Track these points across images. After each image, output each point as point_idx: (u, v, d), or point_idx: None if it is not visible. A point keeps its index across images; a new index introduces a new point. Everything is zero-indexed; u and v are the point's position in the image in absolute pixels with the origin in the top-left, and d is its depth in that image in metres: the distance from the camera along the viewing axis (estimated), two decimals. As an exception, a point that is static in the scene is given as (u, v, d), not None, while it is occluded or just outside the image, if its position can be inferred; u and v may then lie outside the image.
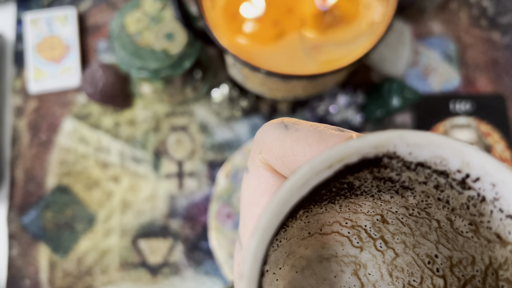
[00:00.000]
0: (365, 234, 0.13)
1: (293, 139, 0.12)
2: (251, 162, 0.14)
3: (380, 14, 0.40)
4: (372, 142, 0.10)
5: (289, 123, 0.13)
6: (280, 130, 0.13)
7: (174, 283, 0.49)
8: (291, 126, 0.13)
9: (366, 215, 0.13)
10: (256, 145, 0.14)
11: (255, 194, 0.14)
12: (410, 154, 0.10)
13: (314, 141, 0.12)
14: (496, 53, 0.55)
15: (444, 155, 0.10)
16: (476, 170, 0.10)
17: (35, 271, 0.50)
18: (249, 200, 0.14)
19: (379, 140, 0.10)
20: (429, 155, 0.10)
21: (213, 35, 0.39)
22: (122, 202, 0.51)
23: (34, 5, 0.56)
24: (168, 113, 0.53)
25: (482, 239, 0.11)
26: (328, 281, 0.13)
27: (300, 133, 0.12)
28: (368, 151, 0.10)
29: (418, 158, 0.10)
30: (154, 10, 0.44)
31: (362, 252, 0.13)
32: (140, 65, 0.43)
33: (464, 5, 0.56)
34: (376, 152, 0.10)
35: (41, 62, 0.53)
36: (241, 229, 0.14)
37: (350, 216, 0.13)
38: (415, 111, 0.53)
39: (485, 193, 0.10)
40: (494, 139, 0.52)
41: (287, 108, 0.53)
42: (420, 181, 0.11)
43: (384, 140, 0.10)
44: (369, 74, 0.54)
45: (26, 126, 0.53)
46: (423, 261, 0.12)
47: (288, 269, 0.13)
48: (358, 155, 0.10)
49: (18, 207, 0.51)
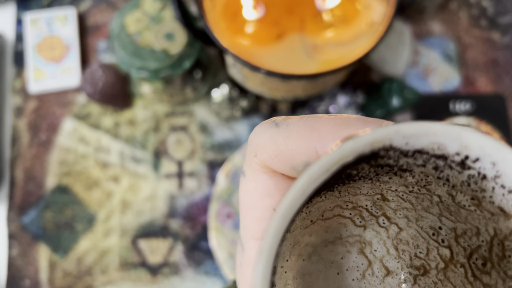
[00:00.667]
0: (367, 213, 0.13)
1: (285, 135, 0.12)
2: (247, 166, 0.14)
3: (380, 14, 0.40)
4: (368, 140, 0.10)
5: (279, 121, 0.13)
6: (271, 129, 0.13)
7: (174, 283, 0.49)
8: (281, 123, 0.13)
9: (366, 195, 0.13)
10: (251, 148, 0.14)
11: (253, 197, 0.14)
12: (406, 144, 0.10)
13: (306, 132, 0.12)
14: (496, 53, 0.55)
15: (442, 141, 0.10)
16: (475, 151, 0.10)
17: (35, 271, 0.50)
18: (248, 203, 0.14)
19: (375, 138, 0.10)
20: (426, 143, 0.10)
21: (213, 35, 0.39)
22: (122, 202, 0.51)
23: (34, 5, 0.56)
24: (168, 113, 0.53)
25: (486, 212, 0.11)
26: (336, 263, 0.13)
27: (291, 127, 0.12)
28: (363, 149, 0.10)
29: (415, 147, 0.10)
30: (154, 10, 0.44)
31: (366, 230, 0.13)
32: (140, 65, 0.43)
33: (464, 5, 0.56)
34: (372, 148, 0.10)
35: (41, 62, 0.53)
36: (242, 232, 0.14)
37: (350, 199, 0.13)
38: (415, 111, 0.53)
39: (486, 171, 0.10)
40: (494, 139, 0.52)
41: (287, 108, 0.53)
42: (418, 164, 0.11)
43: (380, 136, 0.10)
44: (369, 74, 0.54)
45: (26, 126, 0.53)
46: (428, 233, 0.12)
47: (295, 259, 0.13)
48: (354, 155, 0.10)
49: (18, 207, 0.51)
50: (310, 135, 0.12)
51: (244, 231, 0.14)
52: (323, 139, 0.12)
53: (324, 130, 0.12)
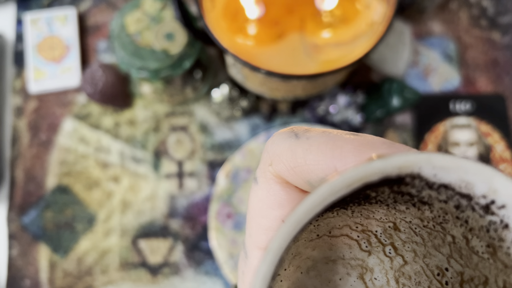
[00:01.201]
0: (375, 239, 0.12)
1: (304, 148, 0.12)
2: (261, 173, 0.14)
3: (380, 14, 0.40)
4: (397, 163, 0.09)
5: (299, 132, 0.13)
6: (290, 139, 0.13)
7: (174, 283, 0.49)
8: (301, 135, 0.13)
9: (378, 221, 0.12)
10: (266, 156, 0.13)
11: (263, 205, 0.13)
12: (434, 176, 0.10)
13: (327, 148, 0.12)
14: (496, 53, 0.55)
15: (471, 180, 0.10)
16: (503, 198, 0.10)
17: (35, 271, 0.50)
18: (257, 211, 0.14)
19: (404, 162, 0.09)
20: (455, 178, 0.10)
21: (213, 35, 0.39)
22: (122, 202, 0.51)
23: (34, 5, 0.56)
24: (168, 113, 0.53)
25: (499, 263, 0.11)
26: (333, 283, 0.13)
27: (311, 141, 0.12)
28: (391, 172, 0.10)
29: (442, 180, 0.10)
30: (154, 10, 0.44)
31: (370, 257, 0.13)
32: (140, 65, 0.43)
33: (464, 5, 0.56)
34: (399, 172, 0.10)
35: (41, 62, 0.53)
36: (247, 239, 0.14)
37: (362, 221, 0.13)
38: (415, 111, 0.53)
39: (509, 221, 0.10)
40: (494, 139, 0.52)
41: (287, 108, 0.53)
42: (441, 199, 0.11)
43: (410, 162, 0.09)
44: (369, 74, 0.54)
45: (26, 126, 0.53)
46: (432, 272, 0.12)
47: (293, 270, 0.13)
48: (380, 175, 0.10)
49: (18, 207, 0.51)
50: (331, 152, 0.11)
51: (250, 238, 0.14)
52: (344, 158, 0.11)
53: (347, 149, 0.11)
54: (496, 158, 0.51)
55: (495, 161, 0.51)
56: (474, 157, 0.51)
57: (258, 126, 0.53)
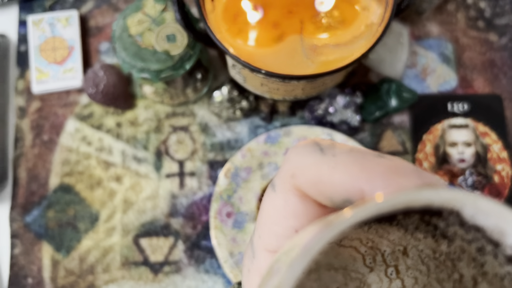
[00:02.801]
0: (381, 258, 0.12)
1: (330, 166, 0.12)
2: (280, 182, 0.14)
3: (379, 16, 0.41)
4: (445, 197, 0.09)
5: (324, 146, 0.13)
6: (315, 154, 0.12)
7: (175, 281, 0.50)
8: (327, 151, 0.12)
9: (390, 242, 0.12)
10: (288, 166, 0.13)
11: (279, 214, 0.13)
12: (472, 216, 0.10)
13: (354, 169, 0.11)
14: (493, 54, 0.55)
15: (508, 230, 0.09)
16: None
17: (38, 270, 0.50)
18: (271, 217, 0.14)
19: (451, 197, 0.09)
20: (491, 224, 0.10)
21: (214, 37, 0.39)
22: (124, 201, 0.52)
23: (36, 7, 0.57)
24: (169, 114, 0.54)
25: None
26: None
27: (338, 159, 0.12)
28: (436, 203, 0.09)
29: (477, 222, 0.10)
30: (156, 12, 0.45)
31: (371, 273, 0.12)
32: (141, 66, 0.44)
33: (461, 7, 0.56)
34: (442, 205, 0.10)
35: (43, 63, 0.54)
36: (256, 240, 0.14)
37: (374, 238, 0.13)
38: (413, 112, 0.53)
39: None
40: (492, 139, 0.52)
41: (286, 108, 0.54)
42: (465, 238, 0.11)
43: (457, 198, 0.09)
44: (368, 75, 0.54)
45: (28, 126, 0.54)
46: None
47: None
48: (424, 204, 0.09)
49: (21, 206, 0.52)
50: (358, 173, 0.11)
51: (259, 240, 0.14)
52: (372, 182, 0.11)
53: (376, 173, 0.11)
54: (493, 158, 0.52)
55: (492, 161, 0.52)
56: (471, 156, 0.52)
57: (258, 126, 0.53)
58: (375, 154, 0.12)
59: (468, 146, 0.52)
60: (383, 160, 0.11)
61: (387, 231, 0.12)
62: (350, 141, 0.50)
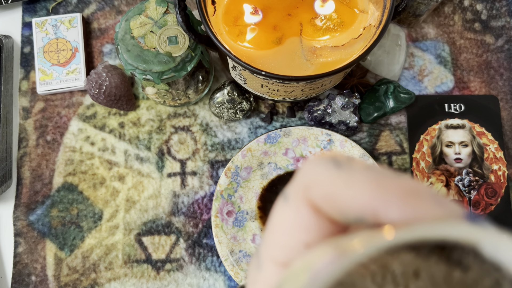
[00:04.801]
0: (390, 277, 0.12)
1: (346, 181, 0.12)
2: (293, 193, 0.13)
3: (377, 18, 0.42)
4: (463, 234, 0.09)
5: (342, 161, 0.13)
6: (331, 169, 0.12)
7: (176, 279, 0.50)
8: (344, 166, 0.12)
9: (401, 262, 0.12)
10: (303, 178, 0.13)
11: (290, 226, 0.13)
12: (491, 253, 0.10)
13: (370, 187, 0.11)
14: (489, 56, 0.56)
15: None
16: None
17: (41, 268, 0.51)
18: (281, 229, 0.13)
19: (469, 234, 0.09)
20: (509, 260, 0.10)
21: (215, 39, 0.40)
22: (126, 200, 0.52)
23: (40, 9, 0.58)
24: (170, 114, 0.55)
25: None
26: None
27: (354, 175, 0.12)
28: (449, 239, 0.09)
29: (495, 259, 0.10)
30: (158, 14, 0.46)
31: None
32: (144, 68, 0.44)
33: (458, 9, 0.57)
34: (458, 242, 0.10)
35: (47, 64, 0.55)
36: (263, 250, 0.14)
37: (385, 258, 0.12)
38: (411, 112, 0.54)
39: None
40: (488, 140, 0.53)
41: (286, 109, 0.55)
42: (483, 270, 0.11)
43: (475, 236, 0.09)
44: (366, 76, 0.55)
45: (33, 126, 0.54)
46: None
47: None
48: (437, 240, 0.09)
49: (24, 205, 0.52)
50: (374, 192, 0.11)
51: (266, 250, 0.14)
52: (387, 201, 0.11)
53: (391, 193, 0.11)
54: (490, 158, 0.53)
55: (489, 160, 0.53)
56: (468, 156, 0.53)
57: (258, 126, 0.54)
58: (393, 174, 0.12)
59: (464, 146, 0.53)
60: (400, 181, 0.11)
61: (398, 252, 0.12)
62: (348, 142, 0.51)
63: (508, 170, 0.53)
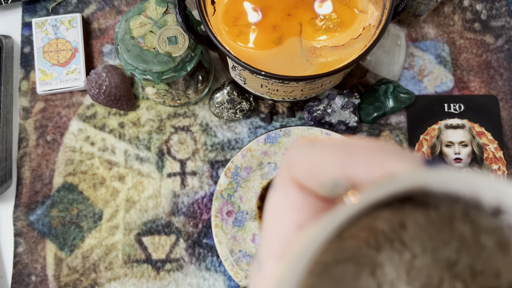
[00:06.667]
0: (382, 236, 0.13)
1: (320, 152, 0.13)
2: (279, 179, 0.14)
3: (376, 18, 0.42)
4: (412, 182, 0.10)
5: (317, 140, 0.14)
6: (307, 145, 0.14)
7: (176, 279, 0.50)
8: (319, 143, 0.13)
9: (385, 220, 0.13)
10: (285, 162, 0.14)
11: (280, 211, 0.14)
12: (440, 188, 0.11)
13: (340, 152, 0.12)
14: (489, 56, 0.56)
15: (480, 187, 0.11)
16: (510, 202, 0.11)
17: (41, 268, 0.51)
18: (273, 217, 0.14)
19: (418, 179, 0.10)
20: (460, 188, 0.11)
21: (215, 39, 0.40)
22: (126, 200, 0.52)
23: (40, 9, 0.58)
24: (170, 114, 0.55)
25: (511, 259, 0.11)
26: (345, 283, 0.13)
27: (327, 145, 0.13)
28: (400, 191, 0.10)
29: (448, 192, 0.11)
30: (157, 14, 0.46)
31: (378, 253, 0.13)
32: (143, 68, 0.44)
33: (458, 9, 0.57)
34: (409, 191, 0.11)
35: (47, 64, 0.55)
36: (261, 249, 0.14)
37: (368, 221, 0.13)
38: (410, 112, 0.54)
39: None
40: (488, 139, 0.53)
41: (286, 109, 0.55)
42: (450, 207, 0.12)
43: (423, 179, 0.11)
44: (366, 76, 0.55)
45: (32, 126, 0.54)
46: (443, 264, 0.12)
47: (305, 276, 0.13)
48: (396, 196, 0.10)
49: (24, 205, 0.52)
50: (343, 155, 0.12)
51: (264, 248, 0.14)
52: (354, 162, 0.12)
53: (358, 154, 0.12)
54: (489, 157, 0.53)
55: (488, 160, 0.53)
56: (467, 156, 0.53)
57: (258, 126, 0.54)
58: (361, 140, 0.13)
59: (464, 146, 0.53)
60: (366, 143, 0.12)
61: (376, 212, 0.13)
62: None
63: (507, 170, 0.53)
